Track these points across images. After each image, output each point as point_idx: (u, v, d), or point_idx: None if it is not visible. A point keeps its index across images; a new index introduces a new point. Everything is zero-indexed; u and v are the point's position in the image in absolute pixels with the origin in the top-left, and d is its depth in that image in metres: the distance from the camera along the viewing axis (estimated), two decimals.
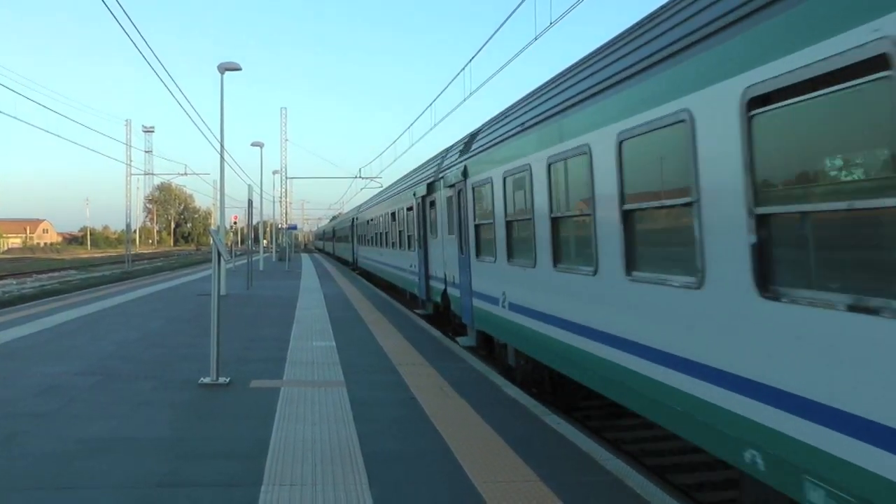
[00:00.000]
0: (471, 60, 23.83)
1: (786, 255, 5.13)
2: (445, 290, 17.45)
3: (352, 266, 52.75)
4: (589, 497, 6.24)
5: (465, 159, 14.81)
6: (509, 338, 12.00)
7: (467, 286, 14.67)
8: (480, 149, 13.65)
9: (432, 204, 19.19)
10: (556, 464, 7.14)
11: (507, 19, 18.19)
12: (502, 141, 12.00)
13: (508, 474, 6.81)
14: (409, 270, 24.08)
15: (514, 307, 11.46)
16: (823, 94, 4.70)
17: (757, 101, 5.27)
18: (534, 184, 10.08)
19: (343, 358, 13.25)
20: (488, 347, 14.36)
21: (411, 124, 72.05)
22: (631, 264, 7.24)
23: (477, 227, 13.82)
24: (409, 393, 10.36)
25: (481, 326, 13.82)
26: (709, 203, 5.91)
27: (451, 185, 15.92)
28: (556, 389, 11.23)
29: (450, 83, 29.07)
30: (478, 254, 13.68)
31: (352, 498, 6.20)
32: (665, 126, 6.52)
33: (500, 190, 11.92)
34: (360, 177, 68.73)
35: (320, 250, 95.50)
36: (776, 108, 5.12)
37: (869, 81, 4.34)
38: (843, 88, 4.54)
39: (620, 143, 7.43)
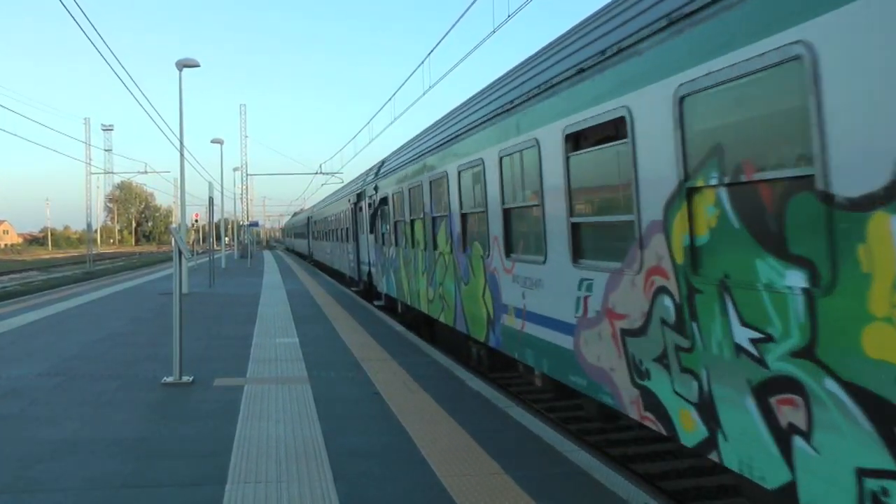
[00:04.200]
0: (430, 54, 23.90)
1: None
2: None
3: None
4: (554, 489, 6.31)
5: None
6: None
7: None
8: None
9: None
10: (520, 456, 7.21)
11: (465, 12, 18.25)
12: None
13: (473, 468, 6.87)
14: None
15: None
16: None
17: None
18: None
19: (306, 354, 13.24)
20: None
21: (371, 119, 72.04)
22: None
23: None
24: (373, 388, 10.38)
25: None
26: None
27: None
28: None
29: (409, 76, 29.08)
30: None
31: (317, 494, 6.22)
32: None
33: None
34: (320, 172, 68.52)
35: (289, 249, 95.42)
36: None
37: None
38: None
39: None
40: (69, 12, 18.74)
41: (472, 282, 11.75)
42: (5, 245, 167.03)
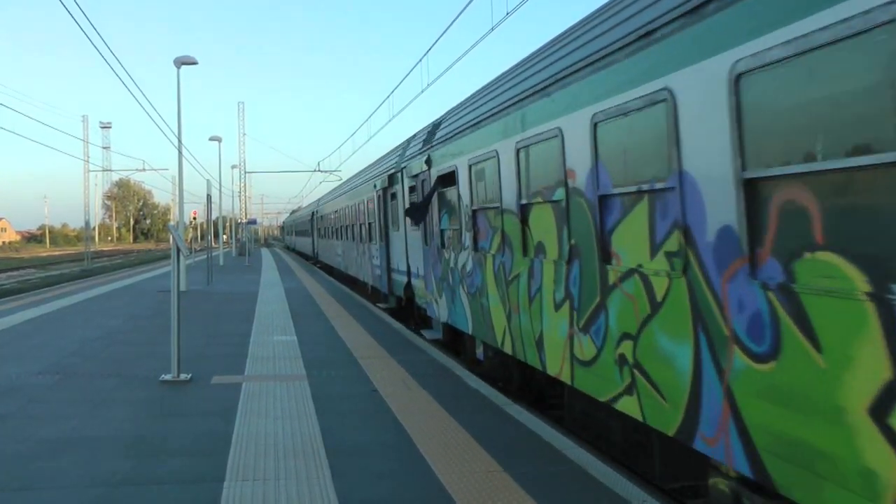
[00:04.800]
0: (428, 51, 23.87)
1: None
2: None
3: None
4: (552, 486, 6.32)
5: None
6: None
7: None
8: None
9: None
10: (519, 454, 7.22)
11: (463, 9, 18.20)
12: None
13: (472, 465, 6.87)
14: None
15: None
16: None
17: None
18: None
19: (304, 352, 13.24)
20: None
21: (370, 116, 72.07)
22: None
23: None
24: (371, 386, 10.39)
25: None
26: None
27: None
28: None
29: (408, 74, 29.08)
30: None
31: (315, 492, 6.23)
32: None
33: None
34: (318, 170, 68.48)
35: (289, 248, 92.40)
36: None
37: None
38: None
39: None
40: (67, 10, 18.71)
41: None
42: (3, 243, 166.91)
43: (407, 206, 16.58)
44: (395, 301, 19.82)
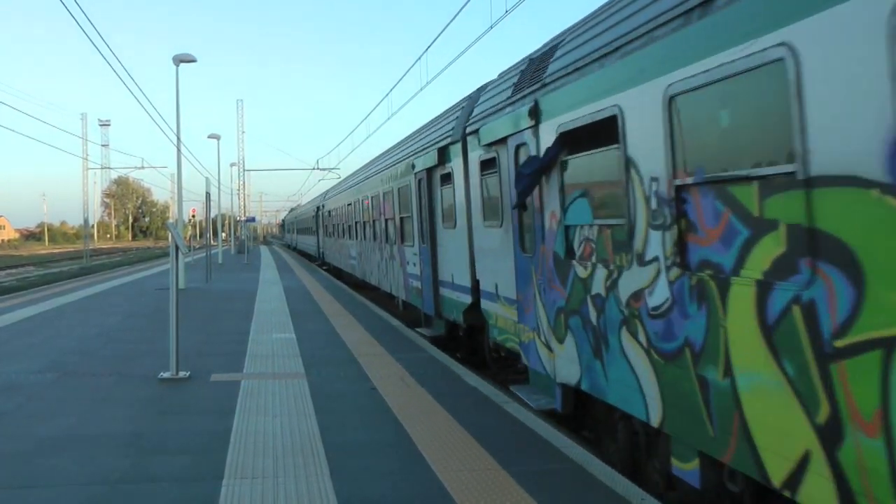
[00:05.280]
0: (426, 50, 23.85)
1: None
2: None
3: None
4: (551, 485, 6.32)
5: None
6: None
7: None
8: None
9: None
10: (517, 452, 7.22)
11: (462, 7, 18.16)
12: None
13: (470, 463, 6.88)
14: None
15: None
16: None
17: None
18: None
19: (303, 350, 13.23)
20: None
21: (368, 114, 71.80)
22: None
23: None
24: (370, 384, 10.39)
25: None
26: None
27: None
28: None
29: (406, 72, 29.03)
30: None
31: (314, 490, 6.23)
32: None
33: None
34: (317, 168, 68.47)
35: (290, 247, 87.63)
36: None
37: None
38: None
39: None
40: (65, 6, 18.70)
41: None
42: (2, 240, 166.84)
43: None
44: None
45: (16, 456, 7.25)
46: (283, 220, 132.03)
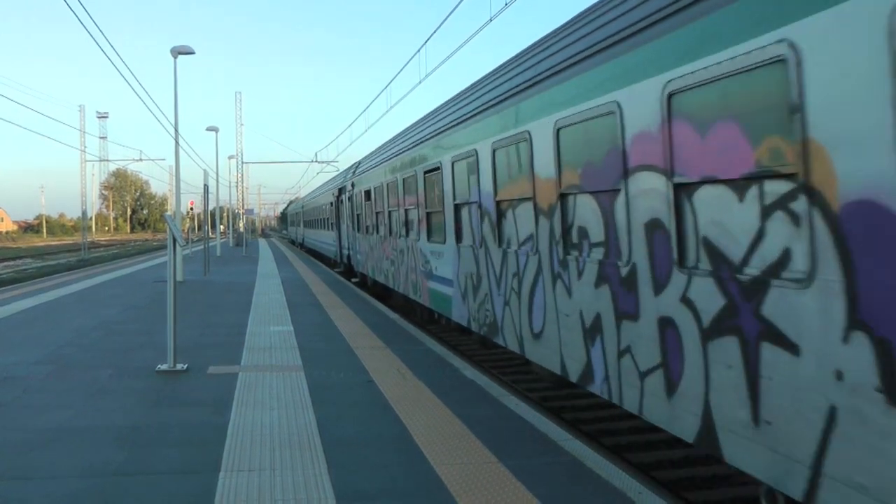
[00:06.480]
0: (426, 42, 23.81)
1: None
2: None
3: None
4: (548, 478, 6.32)
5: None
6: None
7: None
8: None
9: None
10: (515, 445, 7.22)
11: (461, 1, 18.16)
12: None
13: (467, 456, 6.87)
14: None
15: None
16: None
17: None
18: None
19: (301, 342, 13.23)
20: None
21: (367, 107, 71.84)
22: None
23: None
24: (367, 376, 10.38)
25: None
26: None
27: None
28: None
29: (406, 64, 29.04)
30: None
31: (311, 483, 6.23)
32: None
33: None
34: (316, 161, 68.37)
35: (293, 242, 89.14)
36: None
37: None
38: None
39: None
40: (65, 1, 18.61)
41: None
42: (0, 232, 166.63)
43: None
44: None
45: (12, 447, 7.25)
46: (283, 211, 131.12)
